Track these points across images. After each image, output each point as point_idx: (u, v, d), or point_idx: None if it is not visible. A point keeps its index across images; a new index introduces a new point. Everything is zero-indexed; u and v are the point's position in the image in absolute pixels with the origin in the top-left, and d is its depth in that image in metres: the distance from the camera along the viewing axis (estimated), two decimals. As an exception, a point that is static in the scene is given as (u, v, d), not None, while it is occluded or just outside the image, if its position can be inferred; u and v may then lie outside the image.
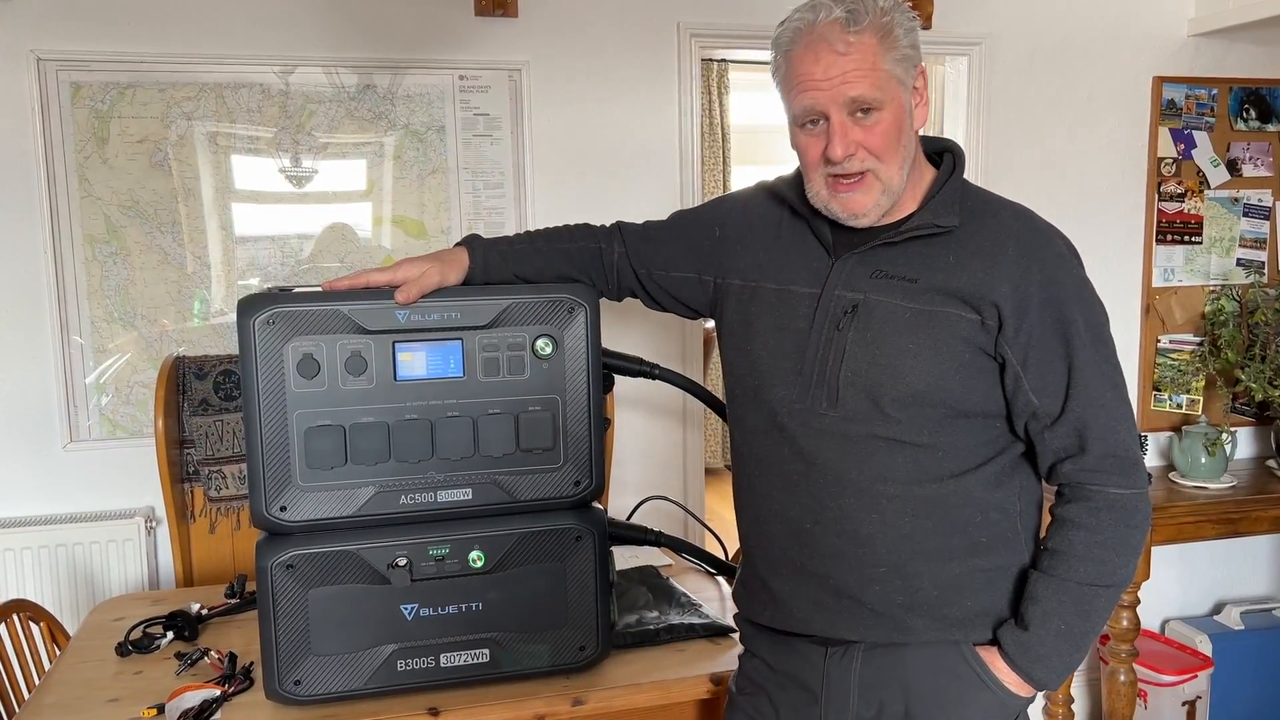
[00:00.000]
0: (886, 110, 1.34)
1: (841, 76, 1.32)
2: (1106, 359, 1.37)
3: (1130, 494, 1.35)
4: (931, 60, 3.31)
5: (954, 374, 1.34)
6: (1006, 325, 1.33)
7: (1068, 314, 1.35)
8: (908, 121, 1.37)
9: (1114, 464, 1.35)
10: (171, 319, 2.64)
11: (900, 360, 1.35)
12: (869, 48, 1.32)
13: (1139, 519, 1.36)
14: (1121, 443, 1.35)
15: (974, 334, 1.34)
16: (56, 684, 1.69)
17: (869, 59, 1.32)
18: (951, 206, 1.38)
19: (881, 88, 1.33)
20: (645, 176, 2.87)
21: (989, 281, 1.34)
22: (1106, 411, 1.35)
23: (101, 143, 2.55)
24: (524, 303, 1.57)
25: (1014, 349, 1.34)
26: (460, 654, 1.59)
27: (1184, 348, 3.31)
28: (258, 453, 1.49)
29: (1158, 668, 3.14)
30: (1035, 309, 1.33)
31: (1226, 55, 3.25)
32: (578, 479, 1.62)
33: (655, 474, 2.95)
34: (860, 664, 1.40)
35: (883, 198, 1.37)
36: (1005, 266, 1.34)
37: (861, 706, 1.40)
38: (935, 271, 1.36)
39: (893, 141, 1.35)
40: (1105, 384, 1.36)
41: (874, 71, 1.32)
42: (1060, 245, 1.40)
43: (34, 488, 2.59)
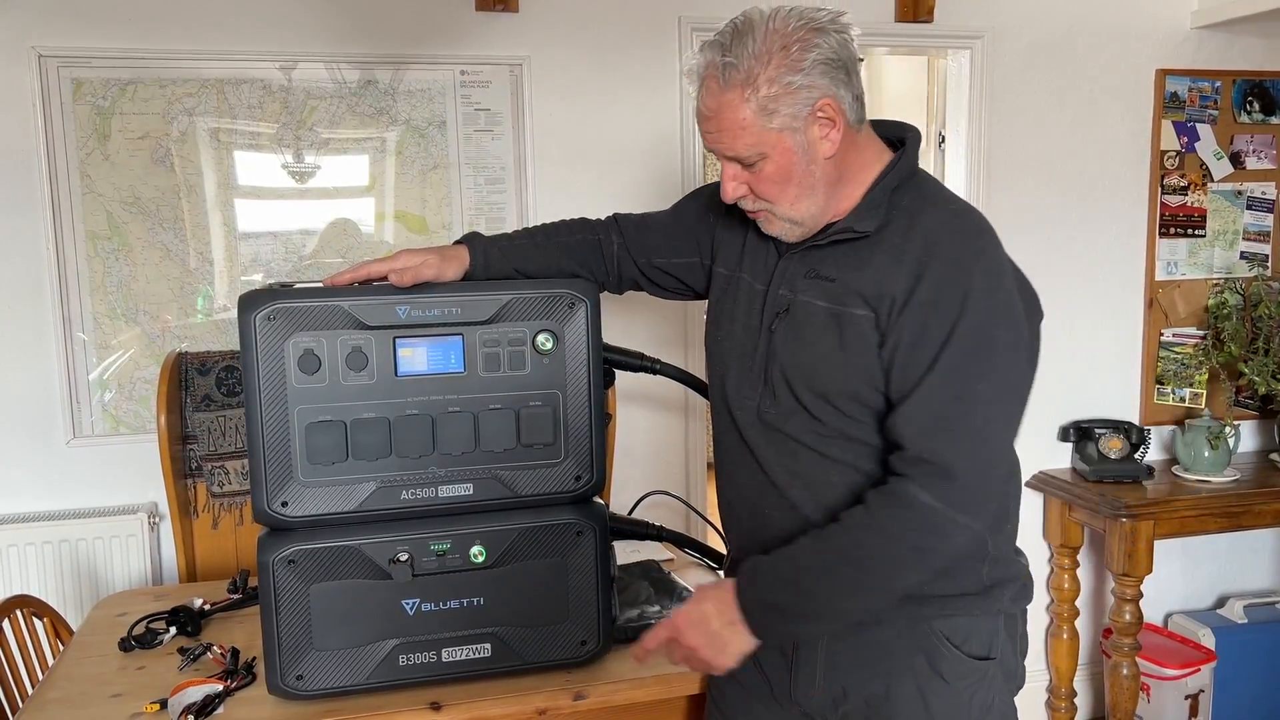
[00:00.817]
0: (768, 160, 1.35)
1: (716, 136, 1.36)
2: (979, 374, 1.28)
3: (932, 505, 1.26)
4: (933, 54, 3.30)
5: (861, 372, 1.34)
6: (891, 319, 1.32)
7: (947, 316, 1.28)
8: (801, 161, 1.35)
9: (926, 470, 1.28)
10: (174, 315, 2.64)
11: (815, 360, 1.38)
12: (734, 107, 1.32)
13: (929, 537, 1.27)
14: (942, 452, 1.27)
15: (871, 332, 1.34)
16: (60, 679, 1.69)
17: (736, 119, 1.33)
18: (875, 210, 1.37)
19: (755, 145, 1.34)
20: (646, 170, 2.87)
21: (889, 280, 1.33)
22: (942, 418, 1.28)
23: (103, 139, 2.55)
24: (525, 298, 1.57)
25: (888, 342, 1.33)
26: (462, 649, 1.59)
27: (1187, 341, 3.30)
28: (259, 448, 1.50)
29: (1161, 661, 3.14)
30: (917, 306, 1.30)
31: (1230, 47, 3.24)
32: (579, 474, 1.62)
33: (657, 469, 2.95)
34: (828, 641, 1.43)
35: (789, 225, 1.40)
36: (906, 265, 1.32)
37: (827, 682, 1.43)
38: (850, 272, 1.37)
39: (780, 185, 1.36)
40: (956, 391, 1.28)
41: (744, 131, 1.33)
42: (971, 250, 1.32)
43: (37, 484, 2.60)
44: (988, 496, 1.30)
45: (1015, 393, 1.32)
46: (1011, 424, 1.33)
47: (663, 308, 2.90)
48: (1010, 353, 1.30)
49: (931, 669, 1.39)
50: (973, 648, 1.40)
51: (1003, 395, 1.30)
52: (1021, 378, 1.33)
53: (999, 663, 1.42)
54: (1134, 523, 2.90)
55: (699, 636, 1.37)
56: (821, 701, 1.45)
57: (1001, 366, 1.29)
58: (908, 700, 1.40)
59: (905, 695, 1.40)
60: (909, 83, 4.49)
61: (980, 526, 1.29)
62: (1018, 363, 1.31)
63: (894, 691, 1.40)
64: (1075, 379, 3.27)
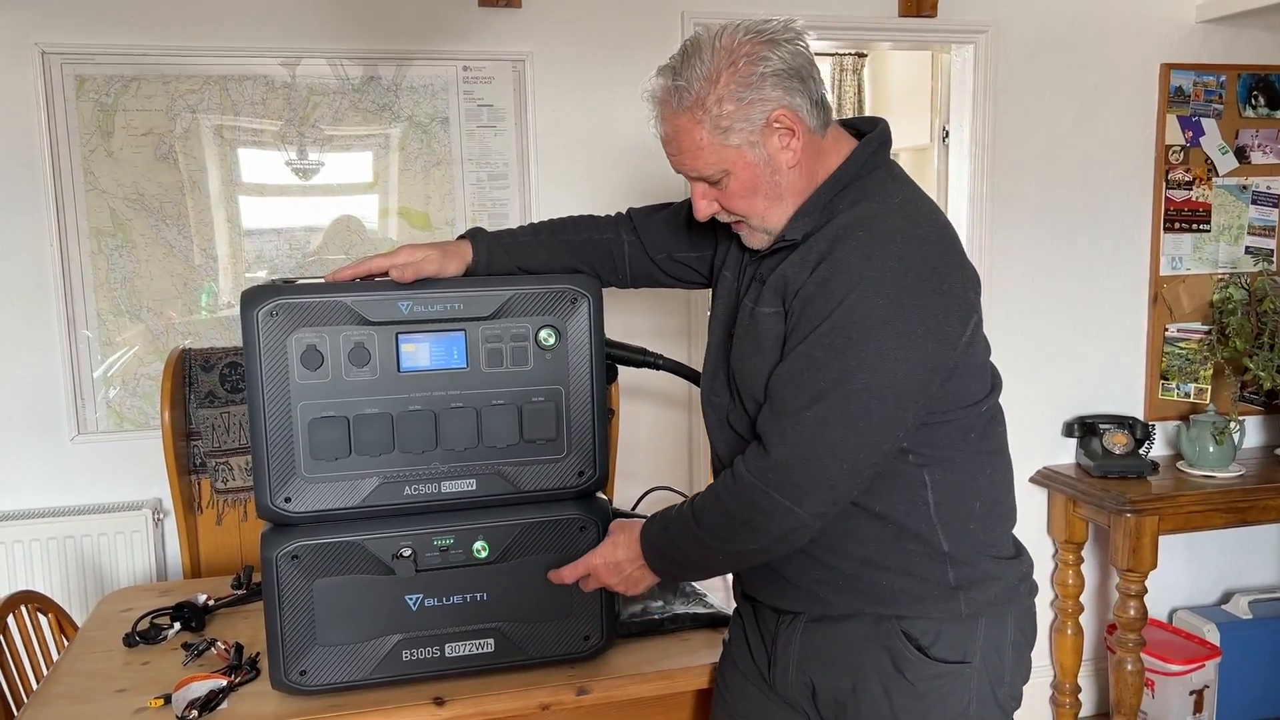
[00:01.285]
0: (732, 177, 1.37)
1: (679, 157, 1.38)
2: (829, 366, 1.26)
3: (750, 480, 1.32)
4: (937, 49, 3.30)
5: None
6: (789, 311, 1.34)
7: (823, 307, 1.28)
8: (765, 172, 1.36)
9: (755, 446, 1.34)
10: (178, 311, 2.65)
11: (744, 363, 1.41)
12: (688, 129, 1.34)
13: (746, 509, 1.33)
14: (768, 432, 1.32)
15: (780, 330, 1.36)
16: (65, 674, 1.70)
17: (692, 139, 1.35)
18: (809, 216, 1.38)
19: (716, 163, 1.36)
20: (649, 166, 2.87)
21: (795, 277, 1.34)
22: (778, 400, 1.31)
23: (106, 136, 2.56)
24: (527, 293, 1.57)
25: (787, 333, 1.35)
26: (465, 644, 1.59)
27: (1192, 336, 3.29)
28: (262, 444, 1.50)
29: (1165, 657, 3.14)
30: (803, 298, 1.31)
31: (1235, 41, 3.23)
32: (581, 469, 1.62)
33: (661, 464, 2.95)
34: (801, 634, 1.45)
35: (764, 235, 1.42)
36: (811, 260, 1.32)
37: (799, 674, 1.46)
38: (776, 275, 1.38)
39: (747, 197, 1.38)
40: (800, 379, 1.29)
41: (703, 151, 1.35)
42: (869, 246, 1.29)
43: (42, 480, 2.61)
44: (813, 485, 1.29)
45: (873, 393, 1.26)
46: (846, 427, 1.27)
47: (665, 302, 2.89)
48: (869, 356, 1.26)
49: (895, 668, 1.39)
50: (941, 651, 1.38)
51: (856, 394, 1.26)
52: (890, 380, 1.27)
53: (978, 669, 1.39)
54: (1138, 518, 2.89)
55: (612, 576, 1.53)
56: (796, 692, 1.48)
57: (867, 365, 1.26)
58: (872, 698, 1.40)
59: (870, 693, 1.40)
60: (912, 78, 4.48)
61: (804, 512, 1.30)
62: (887, 366, 1.26)
63: (859, 688, 1.41)
64: (1079, 374, 3.26)
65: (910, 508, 1.38)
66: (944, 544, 1.39)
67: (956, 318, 1.32)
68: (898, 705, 1.39)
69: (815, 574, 1.42)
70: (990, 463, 1.44)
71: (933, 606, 1.38)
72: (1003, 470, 1.47)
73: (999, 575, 1.42)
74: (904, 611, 1.39)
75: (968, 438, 1.40)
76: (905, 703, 1.39)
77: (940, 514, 1.38)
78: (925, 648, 1.38)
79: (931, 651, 1.38)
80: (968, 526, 1.40)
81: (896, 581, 1.39)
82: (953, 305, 1.31)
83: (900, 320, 1.26)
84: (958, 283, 1.32)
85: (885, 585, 1.39)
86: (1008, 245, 3.14)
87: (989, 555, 1.43)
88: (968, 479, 1.41)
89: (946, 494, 1.39)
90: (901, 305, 1.26)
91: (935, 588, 1.39)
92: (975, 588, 1.40)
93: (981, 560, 1.41)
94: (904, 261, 1.28)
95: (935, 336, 1.29)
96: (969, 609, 1.39)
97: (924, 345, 1.28)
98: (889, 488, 1.37)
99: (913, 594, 1.38)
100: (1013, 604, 1.43)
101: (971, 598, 1.39)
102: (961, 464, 1.40)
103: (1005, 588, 1.43)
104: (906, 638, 1.38)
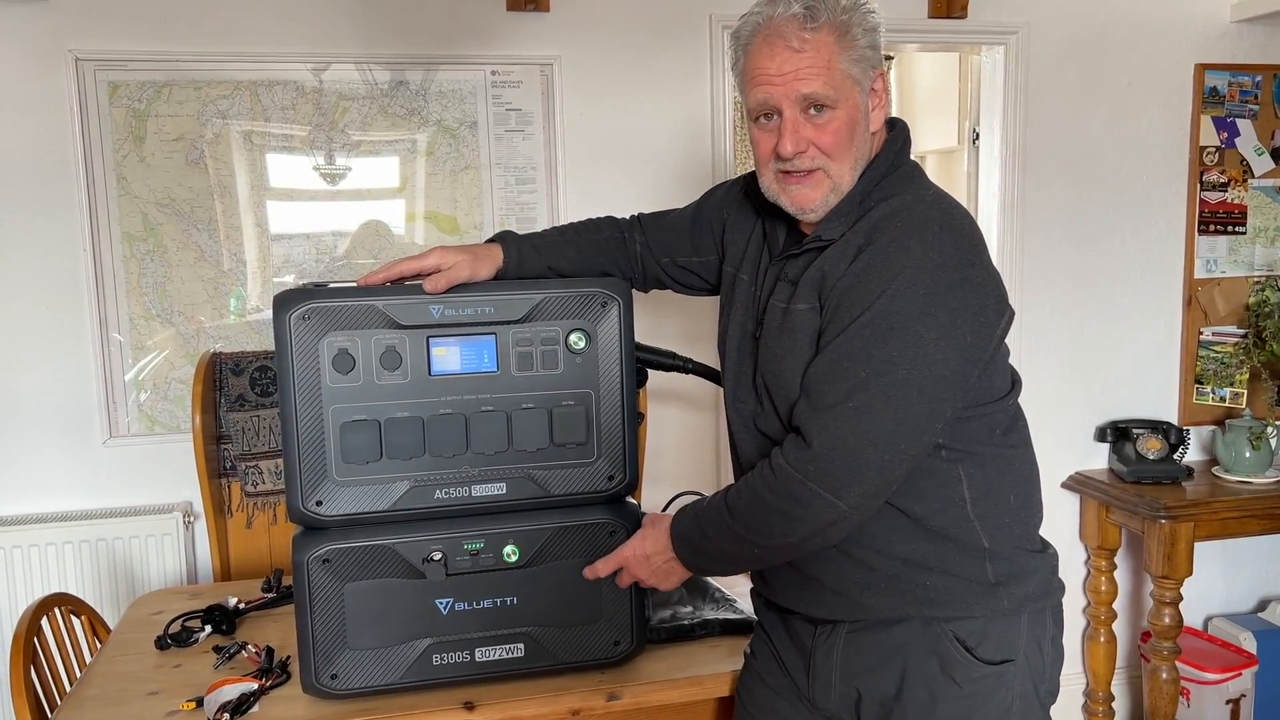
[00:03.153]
0: (840, 109, 1.35)
1: (795, 73, 1.33)
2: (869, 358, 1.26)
3: (789, 471, 1.30)
4: (967, 50, 3.27)
5: None
6: (825, 304, 1.34)
7: (863, 298, 1.28)
8: (863, 123, 1.37)
9: (793, 437, 1.33)
10: (208, 316, 2.66)
11: (777, 364, 1.39)
12: (825, 45, 1.32)
13: (786, 501, 1.31)
14: (806, 423, 1.30)
15: (816, 325, 1.35)
16: (97, 676, 1.71)
17: (824, 57, 1.33)
18: (846, 216, 1.37)
19: (835, 86, 1.34)
20: (678, 170, 2.86)
21: (832, 271, 1.33)
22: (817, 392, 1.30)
23: (139, 141, 2.58)
24: (557, 297, 1.57)
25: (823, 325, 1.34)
26: (495, 648, 1.58)
27: (1227, 340, 3.25)
28: (294, 447, 1.50)
29: (1201, 665, 3.09)
30: (842, 288, 1.31)
31: (1270, 41, 3.19)
32: (611, 473, 1.61)
33: (689, 468, 2.94)
34: (843, 644, 1.43)
35: (831, 195, 1.39)
36: (849, 254, 1.33)
37: (844, 685, 1.43)
38: (806, 270, 1.38)
39: (844, 141, 1.36)
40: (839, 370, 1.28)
41: (828, 70, 1.33)
42: (907, 239, 1.29)
43: (74, 483, 2.63)
44: (853, 477, 1.28)
45: (914, 384, 1.26)
46: (887, 418, 1.27)
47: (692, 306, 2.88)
48: (909, 347, 1.26)
49: (944, 673, 1.37)
50: (987, 651, 1.38)
51: (897, 384, 1.26)
52: (930, 370, 1.26)
53: (1021, 666, 1.39)
54: (1173, 524, 2.85)
55: (644, 570, 1.53)
56: (838, 704, 1.45)
57: (907, 356, 1.26)
58: (918, 703, 1.39)
59: (916, 698, 1.39)
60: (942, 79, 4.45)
61: (844, 505, 1.28)
62: (917, 360, 1.26)
63: (905, 694, 1.39)
64: (1113, 379, 3.22)
65: (947, 504, 1.37)
66: (983, 539, 1.38)
67: (992, 310, 1.33)
68: (942, 710, 1.37)
69: (855, 578, 1.40)
70: (1019, 457, 1.44)
71: (975, 604, 1.37)
72: (1030, 465, 1.47)
73: (1035, 569, 1.43)
74: (948, 612, 1.37)
75: (994, 433, 1.40)
76: (951, 706, 1.37)
77: (976, 509, 1.38)
78: (973, 649, 1.37)
79: (978, 652, 1.37)
80: (1003, 520, 1.40)
81: (938, 581, 1.37)
82: (988, 297, 1.32)
83: (939, 311, 1.27)
84: (991, 275, 1.34)
85: (927, 585, 1.37)
86: (1039, 248, 3.11)
87: (1024, 549, 1.43)
88: (998, 473, 1.40)
89: (982, 489, 1.38)
90: (940, 296, 1.27)
91: (976, 585, 1.37)
92: (1014, 582, 1.39)
93: (1018, 555, 1.41)
94: (943, 253, 1.28)
95: (972, 328, 1.29)
96: (1010, 604, 1.38)
97: (962, 336, 1.28)
98: (925, 485, 1.36)
99: (954, 592, 1.37)
100: (1049, 598, 1.44)
101: (1012, 593, 1.39)
102: (991, 459, 1.40)
103: (1041, 581, 1.43)
104: (957, 640, 1.37)
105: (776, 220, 1.48)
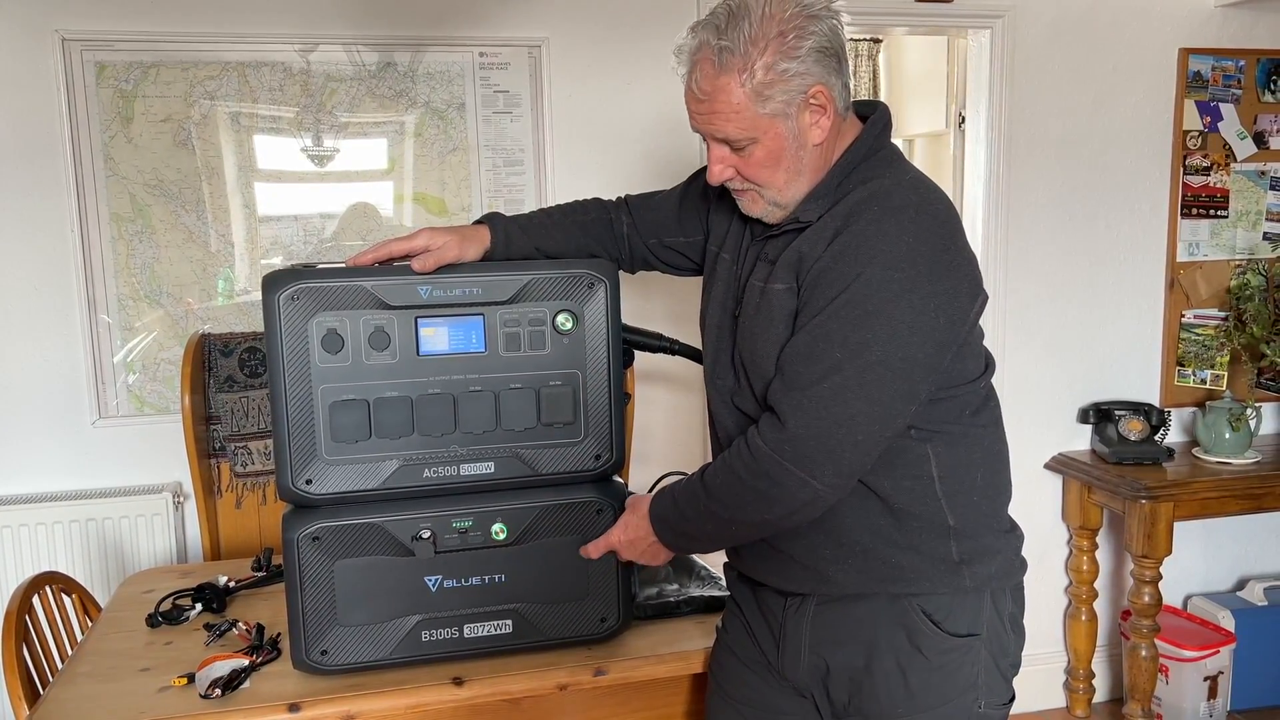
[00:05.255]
0: (759, 144, 1.36)
1: (708, 116, 1.36)
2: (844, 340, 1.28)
3: (765, 450, 1.32)
4: (953, 34, 3.28)
5: None
6: (801, 285, 1.35)
7: (839, 281, 1.29)
8: (791, 147, 1.36)
9: (769, 417, 1.34)
10: (196, 297, 2.67)
11: (754, 342, 1.41)
12: (729, 91, 1.32)
13: (762, 480, 1.33)
14: (782, 403, 1.31)
15: (793, 305, 1.36)
16: (89, 654, 1.72)
17: (731, 103, 1.33)
18: (822, 199, 1.38)
19: (747, 129, 1.35)
20: (665, 151, 2.87)
21: (809, 253, 1.35)
22: (793, 372, 1.31)
23: (126, 122, 2.57)
24: (545, 278, 1.58)
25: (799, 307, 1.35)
26: (484, 625, 1.61)
27: (1209, 322, 3.28)
28: (283, 427, 1.51)
29: (1180, 643, 3.14)
30: (819, 270, 1.32)
31: (1254, 26, 3.21)
32: (598, 453, 1.63)
33: (676, 448, 2.97)
34: (812, 616, 1.45)
35: (772, 207, 1.41)
36: (825, 235, 1.34)
37: (812, 656, 1.46)
38: (784, 251, 1.39)
39: (769, 169, 1.37)
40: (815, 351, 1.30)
41: (737, 115, 1.34)
42: (884, 222, 1.30)
43: (64, 463, 2.63)
44: (828, 457, 1.30)
45: (888, 366, 1.28)
46: (861, 399, 1.28)
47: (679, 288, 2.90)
48: (883, 329, 1.27)
49: (911, 645, 1.40)
50: (954, 625, 1.40)
51: (871, 366, 1.28)
52: (904, 353, 1.28)
53: (986, 640, 1.42)
54: (1154, 504, 2.89)
55: (633, 551, 1.56)
56: (807, 675, 1.48)
57: (882, 338, 1.27)
58: (887, 675, 1.41)
59: (885, 670, 1.41)
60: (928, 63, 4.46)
61: (820, 484, 1.31)
62: (891, 342, 1.27)
63: (874, 665, 1.42)
64: (1095, 360, 3.26)
65: (915, 483, 1.39)
66: (949, 518, 1.40)
67: (966, 294, 1.34)
68: (912, 681, 1.40)
69: (824, 552, 1.42)
70: (987, 435, 1.46)
71: (939, 582, 1.40)
72: (999, 444, 1.49)
73: (998, 550, 1.45)
74: (913, 589, 1.40)
75: (964, 414, 1.42)
76: (920, 678, 1.40)
77: (944, 487, 1.40)
78: (939, 622, 1.40)
79: (945, 625, 1.40)
80: (971, 499, 1.42)
81: (904, 558, 1.40)
82: (962, 281, 1.34)
83: (914, 294, 1.28)
84: (967, 260, 1.35)
85: (894, 562, 1.40)
86: (1024, 231, 3.14)
87: (990, 529, 1.45)
88: (967, 452, 1.42)
89: (949, 467, 1.40)
90: (916, 280, 1.28)
91: (940, 564, 1.40)
92: (978, 561, 1.42)
93: (983, 534, 1.43)
94: (918, 237, 1.30)
95: (946, 312, 1.31)
96: (972, 583, 1.41)
97: (936, 320, 1.30)
98: (894, 463, 1.38)
99: (919, 570, 1.40)
100: (1010, 578, 1.47)
101: (975, 572, 1.41)
102: (961, 438, 1.42)
103: (1004, 563, 1.45)
104: (923, 613, 1.39)
105: None
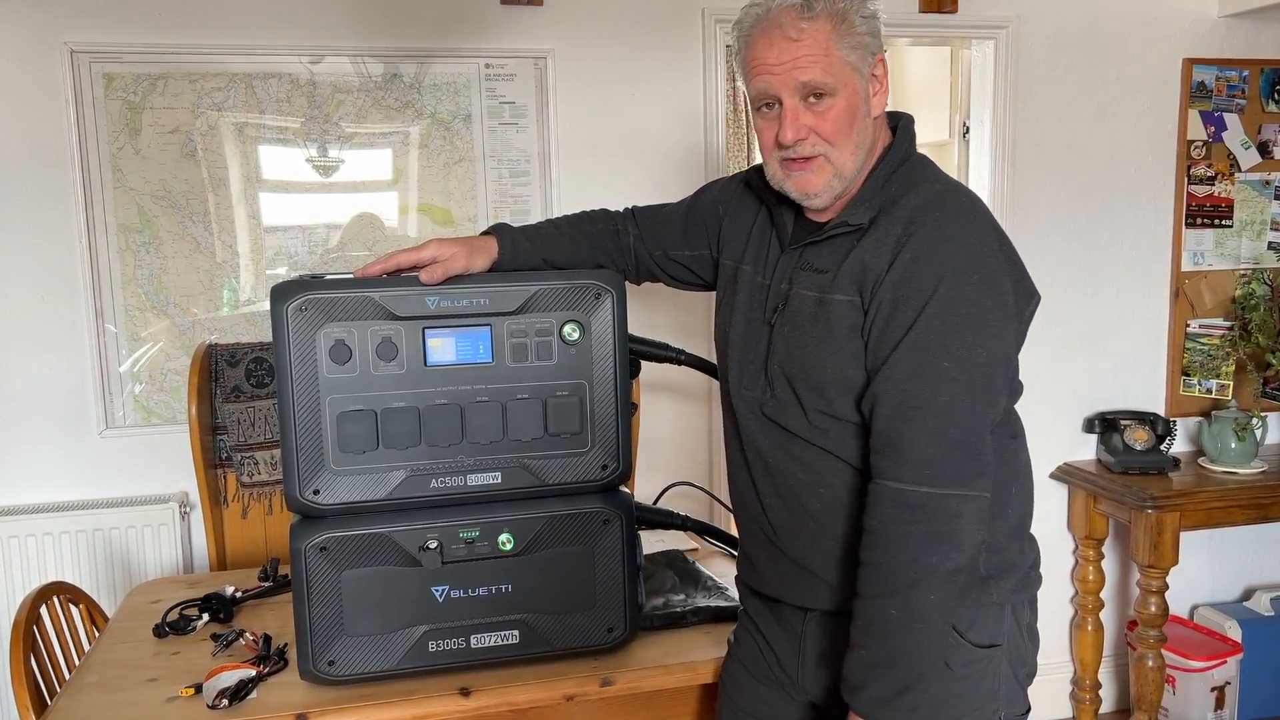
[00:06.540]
0: (839, 96, 1.36)
1: (794, 61, 1.35)
2: (944, 350, 1.27)
3: (907, 490, 1.26)
4: (957, 45, 3.29)
5: (851, 359, 1.35)
6: (870, 299, 1.34)
7: (919, 294, 1.29)
8: (863, 109, 1.38)
9: (891, 454, 1.28)
10: (202, 307, 2.68)
11: (806, 353, 1.39)
12: (822, 33, 1.34)
13: (921, 516, 1.25)
14: (904, 431, 1.27)
15: (857, 316, 1.35)
16: (97, 664, 1.73)
17: (821, 45, 1.34)
18: (870, 201, 1.38)
19: (834, 74, 1.35)
20: (671, 162, 2.88)
21: (873, 263, 1.34)
22: (907, 395, 1.28)
23: (134, 133, 2.59)
24: (552, 289, 1.59)
25: (867, 321, 1.34)
26: (490, 635, 1.61)
27: (1214, 332, 3.28)
28: (291, 437, 1.52)
29: (1186, 653, 3.13)
30: (891, 284, 1.32)
31: (1258, 36, 3.22)
32: (605, 463, 1.63)
33: (682, 458, 2.97)
34: (836, 631, 1.43)
35: (834, 180, 1.40)
36: (888, 245, 1.33)
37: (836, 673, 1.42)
38: (840, 261, 1.38)
39: (845, 127, 1.37)
40: (919, 369, 1.28)
41: (826, 57, 1.34)
42: (949, 228, 1.32)
43: (71, 473, 2.64)
44: (972, 461, 1.28)
45: (994, 364, 1.29)
46: (978, 401, 1.29)
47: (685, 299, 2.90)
48: (981, 331, 1.28)
49: None
50: (978, 635, 1.40)
51: (979, 368, 1.28)
52: (999, 349, 1.30)
53: (1005, 650, 1.42)
54: (1160, 514, 2.89)
55: None
56: (831, 689, 1.45)
57: (980, 340, 1.28)
58: None
59: None
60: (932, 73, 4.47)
61: (975, 491, 1.28)
62: (990, 342, 1.29)
63: None
64: (1101, 370, 3.26)
65: None
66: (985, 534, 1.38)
67: (1025, 291, 1.38)
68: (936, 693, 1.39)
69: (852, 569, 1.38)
70: (1020, 447, 1.46)
71: (966, 596, 1.38)
72: (1025, 454, 1.49)
73: (1020, 564, 1.45)
74: None
75: (1003, 431, 1.42)
76: (945, 689, 1.38)
77: None
78: (964, 633, 1.39)
79: (969, 636, 1.39)
80: (1006, 511, 1.42)
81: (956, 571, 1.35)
82: (1022, 279, 1.38)
83: (994, 292, 1.31)
84: (1019, 259, 1.39)
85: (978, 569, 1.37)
86: (1028, 241, 3.13)
87: (1016, 543, 1.45)
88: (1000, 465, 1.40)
89: None
90: (991, 278, 1.31)
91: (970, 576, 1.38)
92: (1003, 576, 1.41)
93: (1010, 547, 1.43)
94: (983, 239, 1.33)
95: (1015, 308, 1.35)
96: (998, 597, 1.40)
97: (1008, 317, 1.34)
98: None
99: None
100: (1027, 590, 1.46)
101: (1000, 586, 1.41)
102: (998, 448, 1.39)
103: (1022, 575, 1.45)
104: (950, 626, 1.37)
105: (784, 209, 1.48)
